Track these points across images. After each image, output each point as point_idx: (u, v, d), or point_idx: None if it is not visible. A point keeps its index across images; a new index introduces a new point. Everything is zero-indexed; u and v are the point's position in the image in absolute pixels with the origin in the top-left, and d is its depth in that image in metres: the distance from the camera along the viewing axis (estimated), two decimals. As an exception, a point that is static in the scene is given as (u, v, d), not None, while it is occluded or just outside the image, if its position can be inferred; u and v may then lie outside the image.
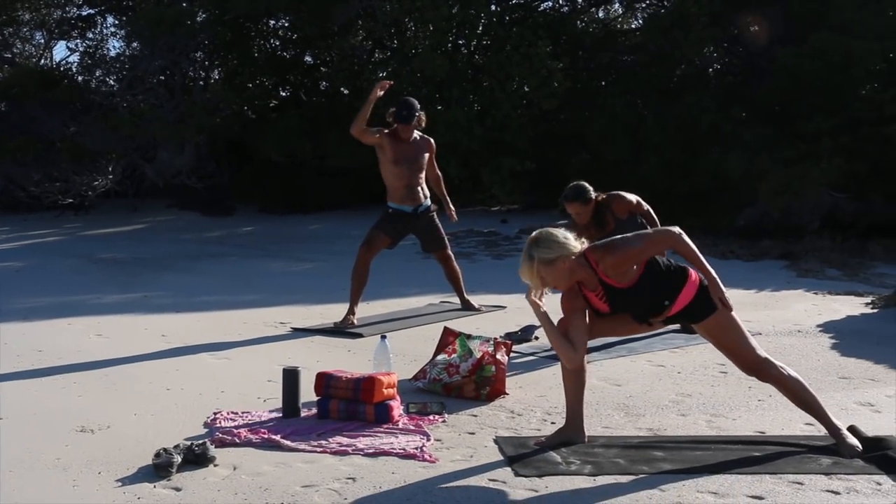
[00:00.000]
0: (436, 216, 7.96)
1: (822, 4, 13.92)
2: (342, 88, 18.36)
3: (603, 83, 16.82)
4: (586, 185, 6.80)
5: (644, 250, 4.34)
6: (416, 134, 7.72)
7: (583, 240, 4.44)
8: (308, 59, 18.75)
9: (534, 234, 4.39)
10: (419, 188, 7.78)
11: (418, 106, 7.59)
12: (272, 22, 18.63)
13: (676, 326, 6.63)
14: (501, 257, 12.52)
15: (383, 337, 5.54)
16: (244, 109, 18.06)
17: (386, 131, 7.60)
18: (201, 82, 18.38)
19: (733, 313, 4.45)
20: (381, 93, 7.51)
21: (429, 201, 7.87)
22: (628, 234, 4.48)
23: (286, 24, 18.52)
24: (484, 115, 16.23)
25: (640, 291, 4.40)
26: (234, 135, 17.74)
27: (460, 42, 17.25)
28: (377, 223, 7.73)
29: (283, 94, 19.13)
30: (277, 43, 18.96)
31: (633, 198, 6.87)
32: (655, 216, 6.98)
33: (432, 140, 7.97)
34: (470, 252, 12.90)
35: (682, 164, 13.87)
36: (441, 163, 15.99)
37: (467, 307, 8.20)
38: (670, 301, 4.44)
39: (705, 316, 4.44)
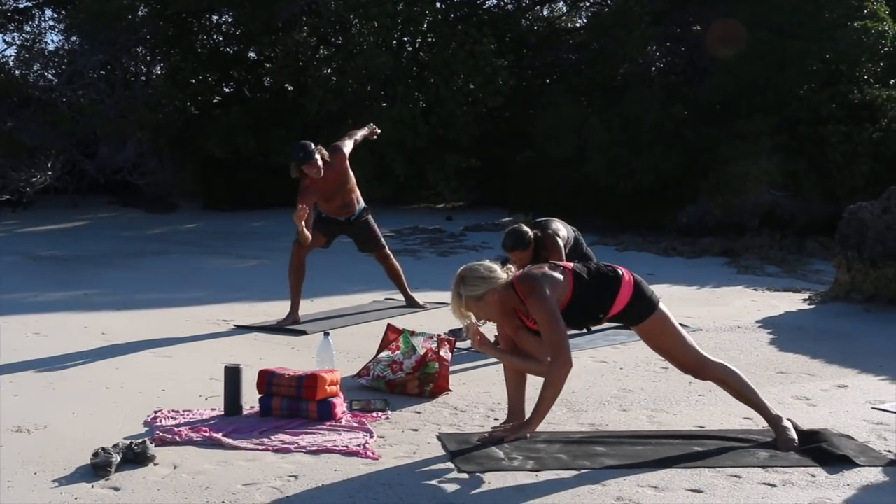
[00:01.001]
0: (370, 219, 7.89)
1: (761, 6, 14.14)
2: (286, 85, 18.24)
3: (548, 81, 16.91)
4: (523, 228, 6.64)
5: (540, 321, 4.25)
6: (322, 158, 7.31)
7: (509, 267, 4.42)
8: (252, 55, 18.60)
9: (459, 271, 4.36)
10: (352, 198, 7.68)
11: (308, 143, 7.30)
12: (215, 17, 18.44)
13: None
14: (446, 255, 12.53)
15: (326, 334, 5.52)
16: (187, 105, 17.84)
17: (306, 182, 7.37)
18: (143, 78, 18.15)
19: (669, 315, 4.49)
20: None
21: (362, 205, 7.79)
22: (547, 289, 4.27)
23: (229, 20, 18.35)
24: (429, 112, 16.23)
25: (570, 313, 4.37)
26: (177, 131, 17.53)
27: (405, 39, 17.24)
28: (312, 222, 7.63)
29: (227, 90, 18.94)
30: (221, 38, 18.77)
31: (563, 239, 6.73)
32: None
33: (336, 147, 7.54)
34: (415, 249, 12.89)
35: (625, 162, 14.00)
36: (386, 160, 16.13)
37: (412, 304, 8.20)
38: (605, 313, 4.45)
39: (641, 319, 4.47)
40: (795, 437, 4.37)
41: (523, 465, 4.06)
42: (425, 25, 16.83)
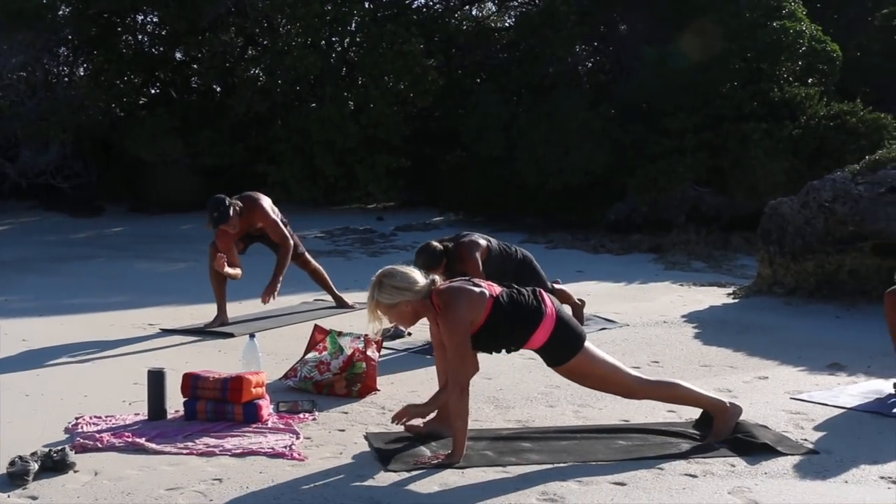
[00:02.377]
0: (288, 226, 7.84)
1: (684, 6, 14.37)
2: (214, 85, 18.05)
3: (477, 81, 16.98)
4: (432, 245, 6.53)
5: (450, 341, 4.16)
6: (236, 211, 7.20)
7: (434, 278, 4.28)
8: (178, 55, 18.36)
9: (378, 274, 4.24)
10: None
11: (222, 199, 7.16)
12: (140, 17, 18.16)
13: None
14: (377, 255, 12.50)
15: (252, 336, 5.47)
16: (112, 107, 17.54)
17: (218, 233, 7.26)
18: (66, 79, 17.79)
19: (593, 353, 4.31)
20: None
21: (280, 219, 7.72)
22: (460, 321, 4.13)
23: (154, 20, 18.10)
24: (358, 112, 16.19)
25: (480, 338, 4.23)
26: (101, 133, 17.23)
27: (334, 39, 17.16)
28: None
29: (153, 91, 18.67)
30: (146, 39, 18.50)
31: (479, 253, 6.60)
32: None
33: (252, 201, 7.39)
34: (345, 250, 12.85)
35: (554, 161, 14.12)
36: (316, 161, 16.06)
37: (341, 305, 8.18)
38: (516, 347, 4.33)
39: (558, 363, 4.32)
40: (728, 434, 4.40)
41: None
42: (353, 25, 16.78)
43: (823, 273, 8.35)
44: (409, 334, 6.85)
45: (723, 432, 4.39)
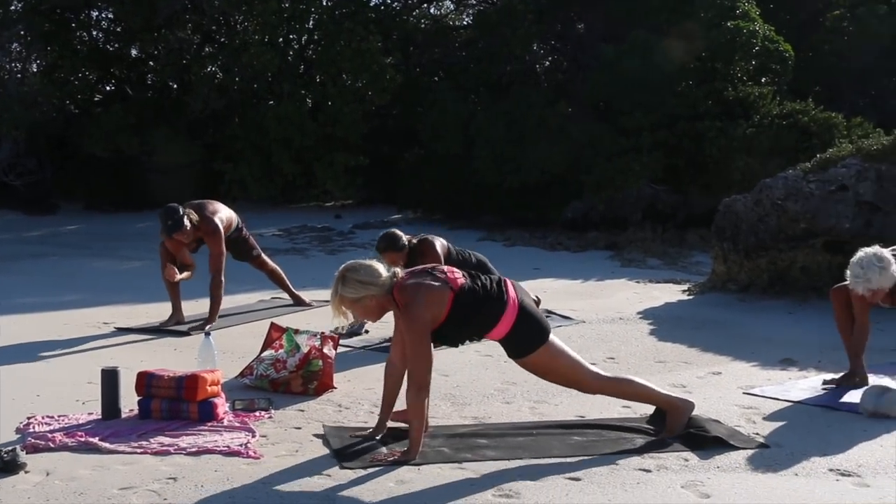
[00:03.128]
0: (244, 230, 7.81)
1: (640, 5, 14.50)
2: (170, 83, 17.89)
3: (435, 79, 16.99)
4: (397, 233, 6.64)
5: (410, 338, 4.12)
6: (191, 221, 7.10)
7: (396, 271, 4.26)
8: (134, 52, 18.17)
9: (342, 269, 4.22)
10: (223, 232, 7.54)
11: (175, 209, 7.07)
12: (94, 13, 17.95)
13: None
14: (335, 253, 12.48)
15: (207, 334, 5.45)
16: (66, 104, 17.33)
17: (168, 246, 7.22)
18: (18, 75, 17.53)
19: (557, 346, 4.33)
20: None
21: (238, 223, 7.68)
22: (425, 311, 4.12)
23: (110, 16, 17.90)
24: (316, 110, 16.14)
25: (442, 332, 4.23)
26: (56, 130, 17.01)
27: (291, 37, 17.09)
28: None
29: (108, 88, 18.46)
30: (101, 35, 18.29)
31: (440, 249, 6.65)
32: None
33: (206, 212, 7.26)
34: (303, 248, 12.81)
35: (512, 159, 14.17)
36: (273, 159, 15.98)
37: (299, 303, 8.16)
38: (479, 337, 4.34)
39: (522, 354, 4.30)
40: (681, 430, 4.45)
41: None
42: (311, 23, 16.72)
43: (776, 270, 8.46)
44: (367, 332, 6.85)
45: (676, 428, 4.44)
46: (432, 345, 4.19)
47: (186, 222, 7.05)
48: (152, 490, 3.72)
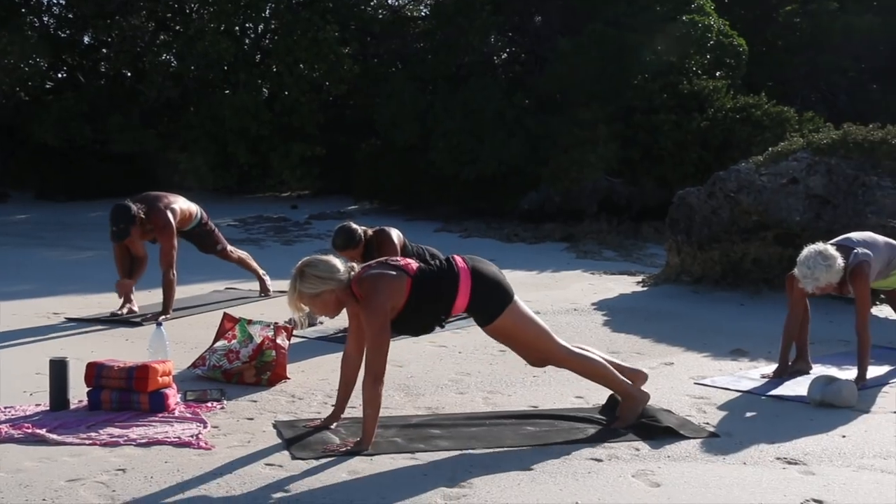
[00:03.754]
0: (208, 223, 7.74)
1: (597, -3, 14.61)
2: (124, 70, 17.68)
3: (392, 70, 16.96)
4: (352, 227, 6.58)
5: (369, 323, 4.12)
6: (141, 222, 7.04)
7: (353, 265, 4.26)
8: (86, 39, 17.94)
9: (300, 264, 4.20)
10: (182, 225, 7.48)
11: (125, 212, 7.00)
12: (45, -1, 17.72)
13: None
14: (291, 243, 12.43)
15: (159, 324, 5.40)
16: (16, 91, 17.07)
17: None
18: (-33, 61, 17.26)
19: (521, 306, 4.33)
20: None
21: (197, 217, 7.60)
22: (384, 302, 4.11)
23: (62, 2, 17.66)
24: (272, 99, 16.06)
25: (403, 320, 4.25)
26: (6, 118, 16.77)
27: (247, 25, 16.97)
28: None
29: (60, 75, 18.22)
30: (52, 21, 18.02)
31: (397, 240, 6.62)
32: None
33: (157, 209, 7.13)
34: (259, 238, 12.74)
35: (469, 150, 14.19)
36: (229, 149, 15.86)
37: (263, 289, 8.15)
38: (446, 314, 4.32)
39: (492, 317, 4.28)
40: (634, 420, 4.48)
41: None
42: (267, 12, 16.62)
43: (729, 261, 8.54)
44: (321, 322, 6.82)
45: (628, 418, 4.47)
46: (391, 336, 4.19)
47: (135, 227, 6.97)
48: (100, 482, 3.68)
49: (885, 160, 8.04)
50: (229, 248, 8.08)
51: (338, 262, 4.21)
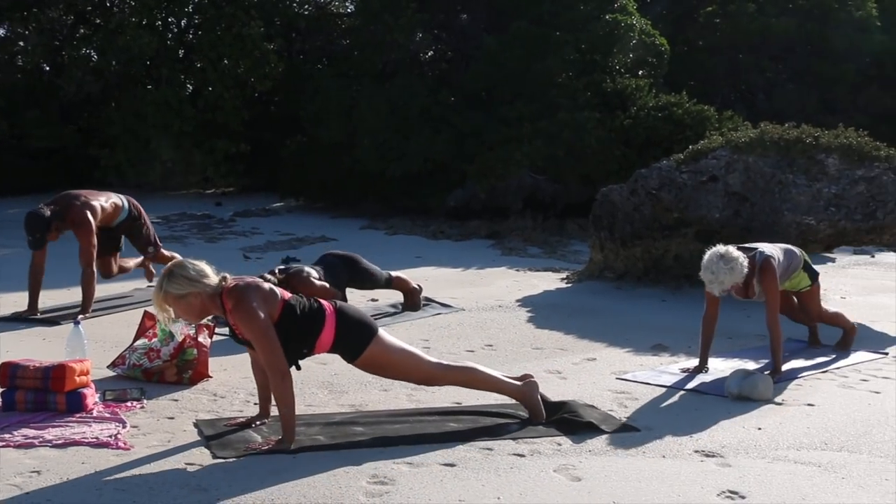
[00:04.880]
0: (142, 219, 7.62)
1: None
2: (42, 64, 17.29)
3: (318, 66, 16.87)
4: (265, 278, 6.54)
5: (255, 338, 4.07)
6: (56, 228, 6.98)
7: (225, 275, 4.20)
8: (2, 31, 17.49)
9: (171, 263, 4.16)
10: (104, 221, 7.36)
11: (39, 220, 6.91)
12: (-41, -10, 17.22)
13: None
14: (215, 241, 12.29)
15: (77, 322, 5.30)
16: (-74, 84, 16.60)
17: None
18: None
19: (388, 342, 4.36)
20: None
21: (127, 207, 7.48)
22: (259, 305, 4.07)
23: (-25, -7, 17.19)
24: (196, 95, 15.85)
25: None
26: (-83, 112, 16.28)
27: (170, 20, 16.72)
28: None
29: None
30: (-35, 13, 17.55)
31: (314, 279, 6.56)
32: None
33: (73, 207, 7.02)
34: (182, 236, 12.56)
35: (395, 147, 14.18)
36: (152, 145, 15.62)
37: None
38: (308, 349, 4.29)
39: (356, 354, 4.32)
40: (543, 410, 4.55)
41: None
42: (190, 6, 16.40)
43: (651, 258, 8.68)
44: None
45: (537, 410, 4.52)
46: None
47: (50, 233, 6.90)
48: (13, 484, 3.59)
49: (800, 158, 8.24)
50: (163, 251, 7.97)
51: (209, 269, 4.17)
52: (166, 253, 8.08)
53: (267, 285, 4.20)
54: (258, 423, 4.39)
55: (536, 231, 12.84)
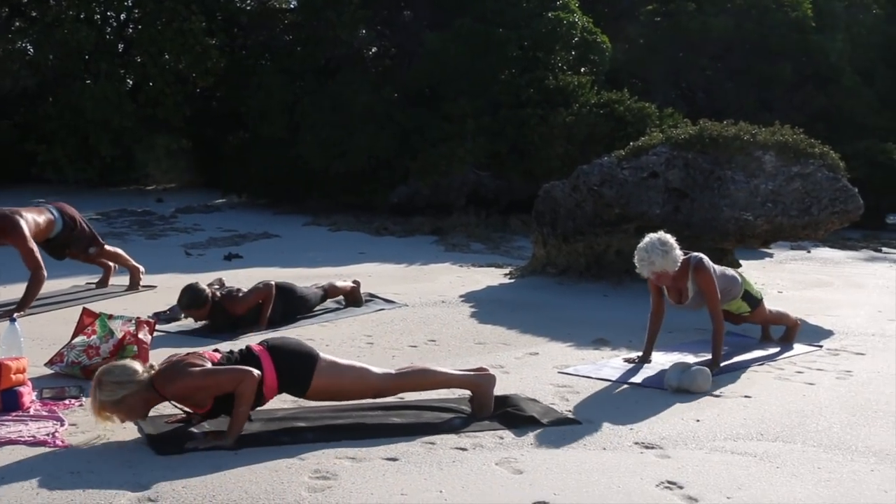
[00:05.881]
0: (78, 224, 7.52)
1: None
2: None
3: (262, 62, 16.75)
4: (199, 286, 6.49)
5: (209, 387, 4.07)
6: None
7: (151, 365, 4.19)
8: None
9: (98, 372, 4.11)
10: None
11: None
12: None
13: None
14: (156, 237, 12.17)
15: (13, 319, 5.21)
16: None
17: None
18: None
19: (328, 361, 4.34)
20: None
21: (60, 221, 7.39)
22: (192, 367, 4.10)
23: None
24: (136, 90, 15.65)
25: (219, 409, 4.16)
26: None
27: (109, 14, 16.49)
28: None
29: None
30: None
31: (247, 293, 6.61)
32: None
33: (4, 222, 7.04)
34: (122, 232, 12.42)
35: (338, 143, 14.14)
36: (90, 141, 15.38)
37: (134, 283, 7.96)
38: (258, 399, 4.24)
39: (305, 387, 4.30)
40: (491, 404, 4.57)
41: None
42: (130, 0, 16.17)
43: (593, 253, 8.77)
44: (184, 317, 6.70)
45: (486, 404, 4.54)
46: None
47: None
48: (-51, 484, 3.53)
49: (738, 155, 8.37)
50: (107, 247, 7.90)
51: (135, 364, 4.15)
52: (110, 249, 8.01)
53: (197, 361, 4.14)
54: (199, 419, 4.36)
55: (479, 227, 12.90)
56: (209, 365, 4.17)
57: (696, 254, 5.77)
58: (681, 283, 5.68)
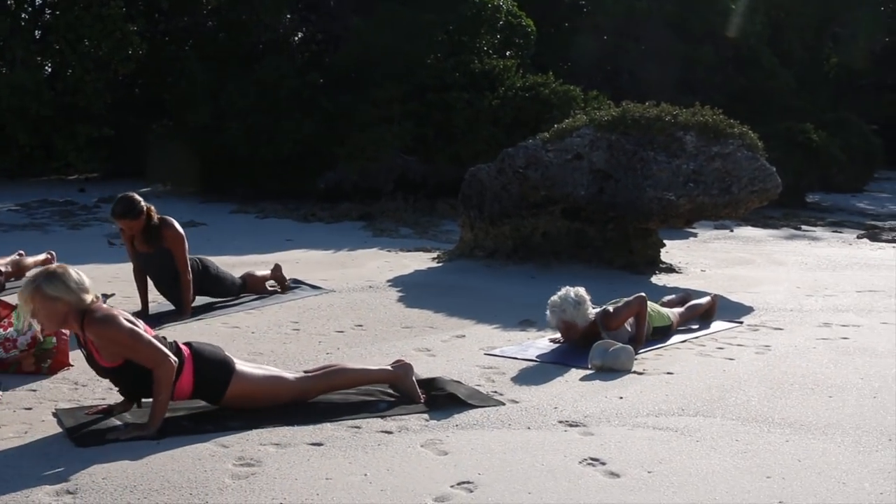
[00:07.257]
0: None
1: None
2: None
3: (186, 48, 16.50)
4: (135, 198, 6.33)
5: (129, 346, 4.02)
6: None
7: (99, 296, 4.12)
8: None
9: (54, 266, 4.08)
10: None
11: None
12: None
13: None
14: (79, 227, 11.94)
15: (-78, 315, 5.08)
16: None
17: None
18: None
19: (245, 370, 4.31)
20: None
21: None
22: (131, 325, 4.06)
23: None
24: (55, 78, 15.31)
25: (122, 375, 4.14)
26: None
27: (24, -1, 16.10)
28: None
29: None
30: None
31: (182, 231, 6.52)
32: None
33: None
34: (43, 223, 12.16)
35: (264, 130, 14.01)
36: (9, 130, 15.01)
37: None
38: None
39: (219, 395, 4.26)
40: (418, 390, 4.58)
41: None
42: (47, -15, 15.82)
43: (519, 236, 8.82)
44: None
45: (413, 393, 4.54)
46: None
47: None
48: None
49: (660, 136, 8.49)
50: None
51: (89, 284, 4.08)
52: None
53: (130, 323, 4.08)
54: (120, 410, 4.30)
55: (408, 212, 12.90)
56: (142, 328, 4.12)
57: (603, 308, 5.79)
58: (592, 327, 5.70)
